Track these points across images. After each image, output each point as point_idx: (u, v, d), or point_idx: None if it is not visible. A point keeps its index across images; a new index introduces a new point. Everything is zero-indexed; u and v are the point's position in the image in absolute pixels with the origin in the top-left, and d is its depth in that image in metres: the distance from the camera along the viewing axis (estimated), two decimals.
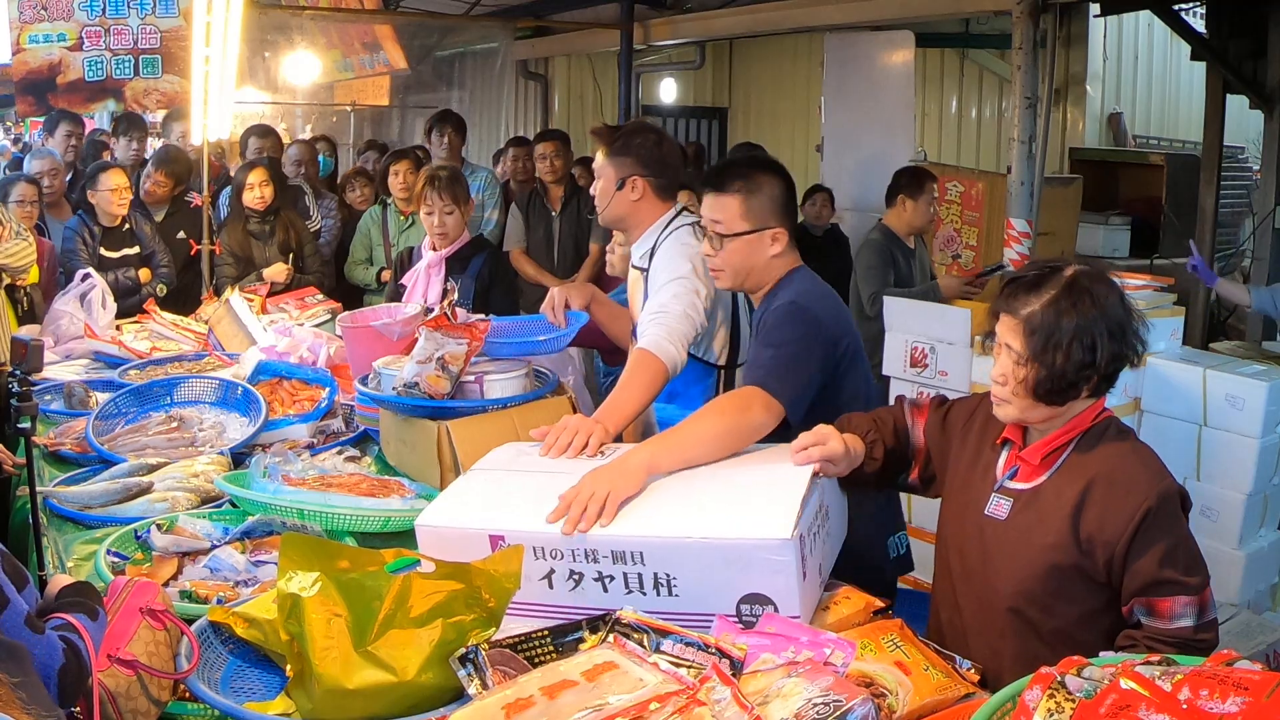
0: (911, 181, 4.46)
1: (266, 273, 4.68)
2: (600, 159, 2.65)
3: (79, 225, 4.45)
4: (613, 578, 1.69)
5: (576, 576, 1.71)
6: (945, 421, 1.95)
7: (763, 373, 2.09)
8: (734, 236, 2.23)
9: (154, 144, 6.07)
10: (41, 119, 5.78)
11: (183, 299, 4.63)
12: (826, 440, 1.83)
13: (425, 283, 3.60)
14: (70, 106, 5.42)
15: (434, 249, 3.64)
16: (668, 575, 1.66)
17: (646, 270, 2.61)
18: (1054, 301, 1.68)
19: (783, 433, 2.03)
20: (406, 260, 3.85)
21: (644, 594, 1.67)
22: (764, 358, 2.13)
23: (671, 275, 2.48)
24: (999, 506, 1.78)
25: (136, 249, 4.57)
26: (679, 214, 2.64)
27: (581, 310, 2.72)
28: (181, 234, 4.87)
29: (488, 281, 3.62)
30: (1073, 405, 1.73)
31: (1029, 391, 1.70)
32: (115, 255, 4.50)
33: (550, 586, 1.73)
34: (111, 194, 4.41)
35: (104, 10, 5.15)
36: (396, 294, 3.73)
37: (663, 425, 2.52)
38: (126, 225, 4.56)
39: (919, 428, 1.98)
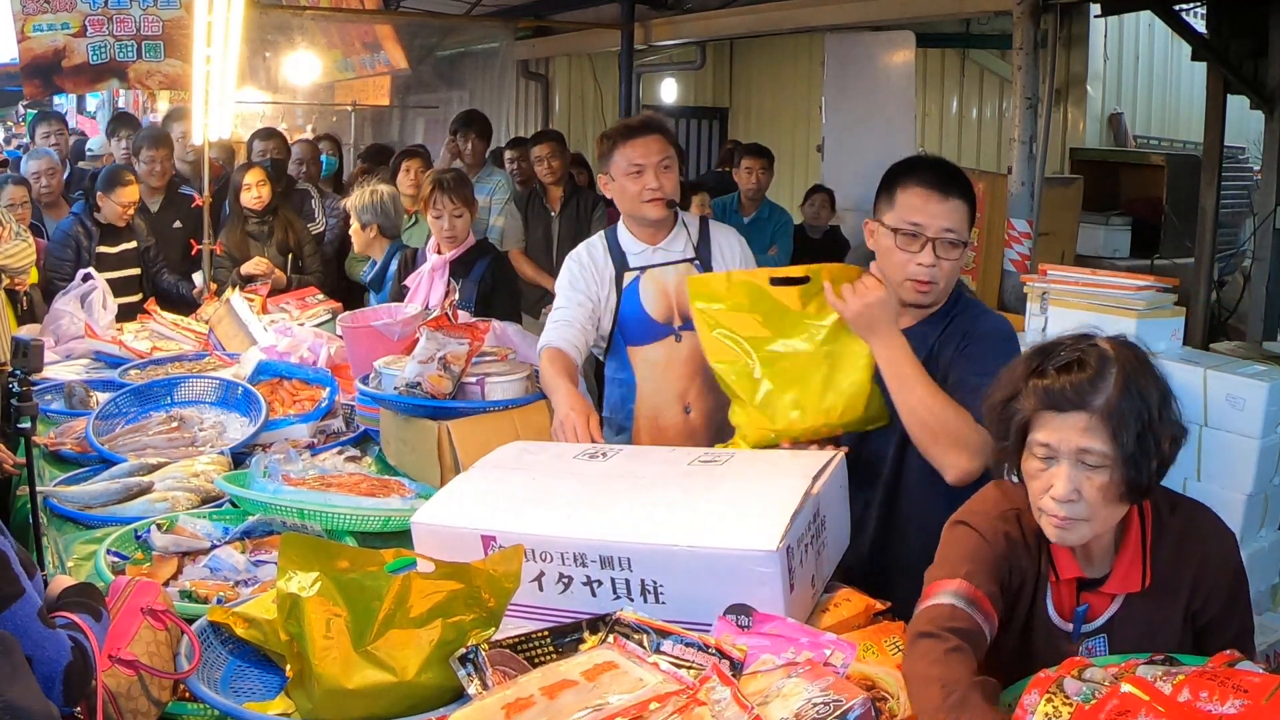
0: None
1: (244, 268, 4.65)
2: (669, 145, 2.65)
3: (73, 224, 4.44)
4: (600, 582, 1.68)
5: (565, 580, 1.71)
6: (996, 576, 1.52)
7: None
8: (963, 246, 2.01)
9: None
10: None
11: (183, 299, 4.64)
12: None
13: (429, 286, 3.60)
14: (76, 88, 5.53)
15: (439, 252, 3.64)
16: (655, 582, 1.66)
17: (695, 260, 2.71)
18: (1124, 380, 1.39)
19: None
20: (410, 262, 3.85)
21: (631, 600, 1.67)
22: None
23: None
24: (1091, 649, 1.53)
25: (134, 243, 4.60)
26: None
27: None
28: (178, 224, 4.88)
29: (490, 285, 3.62)
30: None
31: (1118, 499, 1.42)
32: (114, 250, 4.52)
33: (540, 589, 1.73)
34: (121, 209, 4.44)
35: (106, 1, 5.20)
36: (400, 295, 3.73)
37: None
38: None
39: (994, 620, 1.50)
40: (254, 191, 4.74)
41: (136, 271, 4.61)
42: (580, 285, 2.71)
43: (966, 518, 1.58)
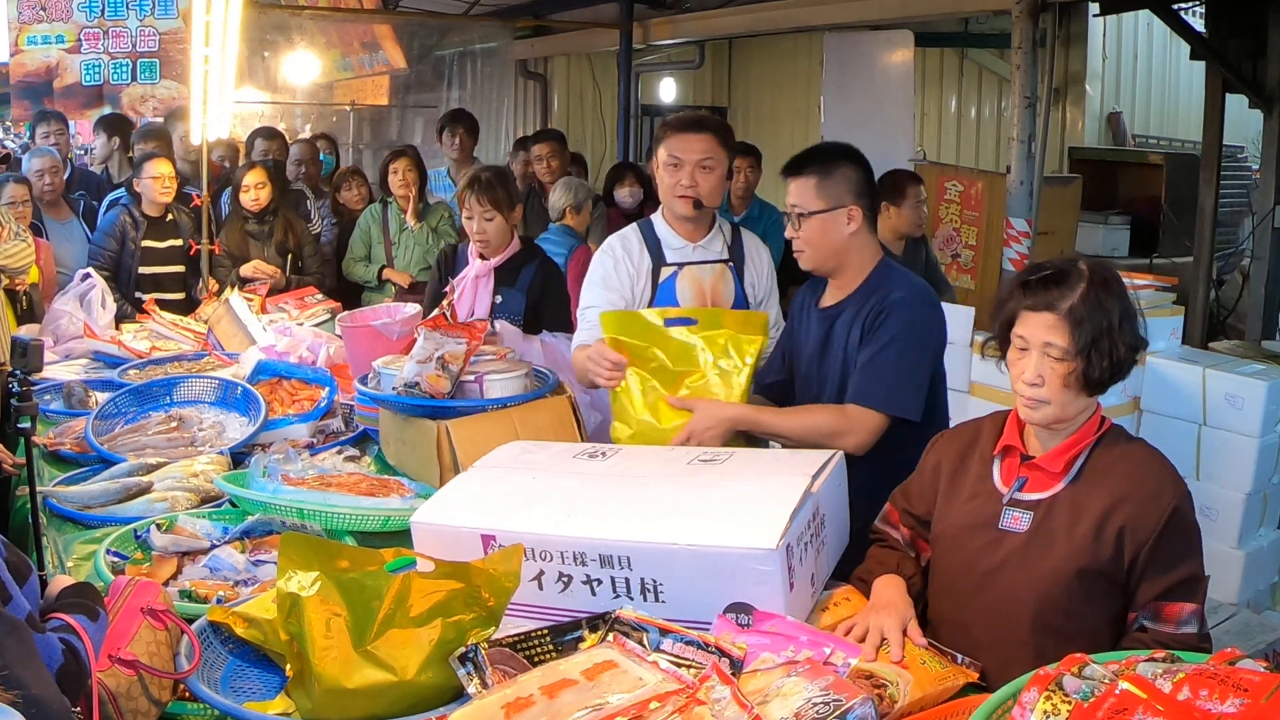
0: (892, 188, 4.29)
1: (243, 270, 4.65)
2: (718, 147, 2.60)
3: (120, 215, 4.45)
4: (600, 581, 1.69)
5: (565, 579, 1.71)
6: (915, 497, 1.95)
7: (882, 390, 2.23)
8: (811, 215, 2.31)
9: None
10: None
11: (182, 299, 4.64)
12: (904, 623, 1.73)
13: (473, 295, 3.32)
14: (66, 112, 5.40)
15: (480, 256, 3.35)
16: (654, 581, 1.66)
17: (730, 262, 2.70)
18: (1089, 292, 1.66)
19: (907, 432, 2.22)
20: (450, 259, 3.55)
21: (631, 599, 1.67)
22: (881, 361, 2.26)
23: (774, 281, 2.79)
24: (1015, 520, 1.76)
25: (179, 240, 4.61)
26: None
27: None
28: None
29: (539, 294, 3.33)
30: (1088, 403, 1.74)
31: (1076, 386, 1.68)
32: (160, 245, 4.53)
33: (540, 588, 1.73)
34: (155, 181, 4.45)
35: (103, 11, 5.14)
36: (438, 296, 3.37)
37: None
38: (169, 216, 4.59)
39: (900, 528, 1.97)
40: (253, 193, 4.74)
41: (181, 268, 4.62)
42: (614, 283, 2.64)
43: (935, 439, 1.98)
